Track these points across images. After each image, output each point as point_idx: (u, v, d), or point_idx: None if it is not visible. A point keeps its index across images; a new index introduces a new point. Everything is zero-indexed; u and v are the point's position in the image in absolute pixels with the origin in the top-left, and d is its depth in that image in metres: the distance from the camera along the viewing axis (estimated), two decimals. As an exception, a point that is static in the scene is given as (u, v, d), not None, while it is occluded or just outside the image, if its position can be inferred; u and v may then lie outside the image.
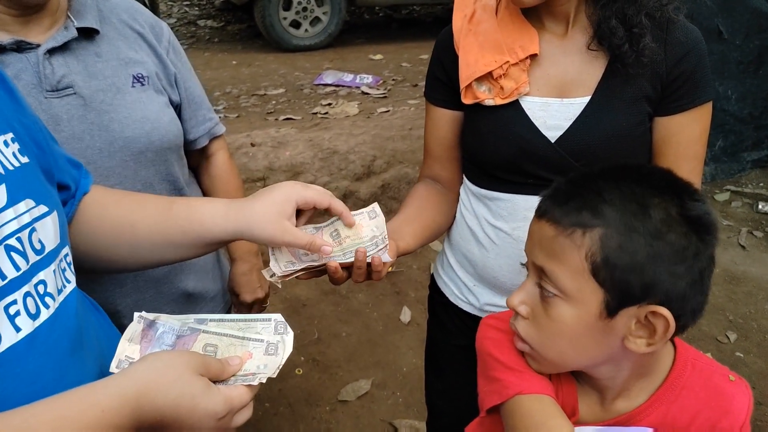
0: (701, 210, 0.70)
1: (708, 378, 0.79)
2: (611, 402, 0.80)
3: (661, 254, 0.67)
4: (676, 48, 0.95)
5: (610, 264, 0.68)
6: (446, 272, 1.23)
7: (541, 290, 0.74)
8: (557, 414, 0.74)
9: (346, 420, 2.16)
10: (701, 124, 1.00)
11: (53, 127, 0.99)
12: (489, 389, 0.82)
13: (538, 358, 0.77)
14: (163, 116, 1.12)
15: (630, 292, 0.68)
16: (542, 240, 0.74)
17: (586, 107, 0.97)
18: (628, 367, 0.77)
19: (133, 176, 1.08)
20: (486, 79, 1.00)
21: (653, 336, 0.70)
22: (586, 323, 0.71)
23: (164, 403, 0.63)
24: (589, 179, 0.74)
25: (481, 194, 1.09)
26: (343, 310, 2.68)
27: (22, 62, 0.98)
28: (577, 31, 0.98)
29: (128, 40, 1.11)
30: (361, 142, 3.39)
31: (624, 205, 0.69)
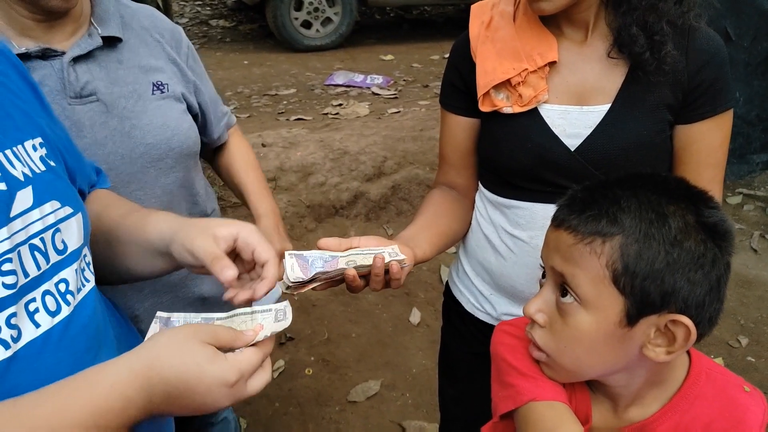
0: (717, 217, 0.70)
1: (722, 388, 0.78)
2: (624, 409, 0.80)
3: (679, 262, 0.68)
4: (698, 56, 0.94)
5: (629, 272, 0.68)
6: (462, 281, 1.23)
7: (559, 298, 0.74)
8: (571, 421, 0.74)
9: (356, 420, 2.17)
10: (722, 132, 0.99)
11: (76, 133, 1.01)
12: (503, 395, 0.82)
13: (554, 366, 0.77)
14: (182, 123, 1.14)
15: (649, 300, 0.69)
16: (560, 247, 0.74)
17: (607, 115, 0.96)
18: (642, 375, 0.77)
19: (153, 182, 1.10)
20: (504, 87, 1.00)
21: (672, 344, 0.70)
22: (605, 331, 0.71)
23: (170, 372, 0.62)
24: (605, 188, 0.74)
25: (498, 202, 1.09)
26: (352, 311, 2.69)
27: (46, 69, 1.00)
28: (597, 39, 0.98)
29: (149, 47, 1.13)
30: (372, 143, 3.40)
31: (641, 213, 0.69)
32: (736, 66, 3.72)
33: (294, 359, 2.42)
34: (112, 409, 0.60)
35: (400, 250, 0.94)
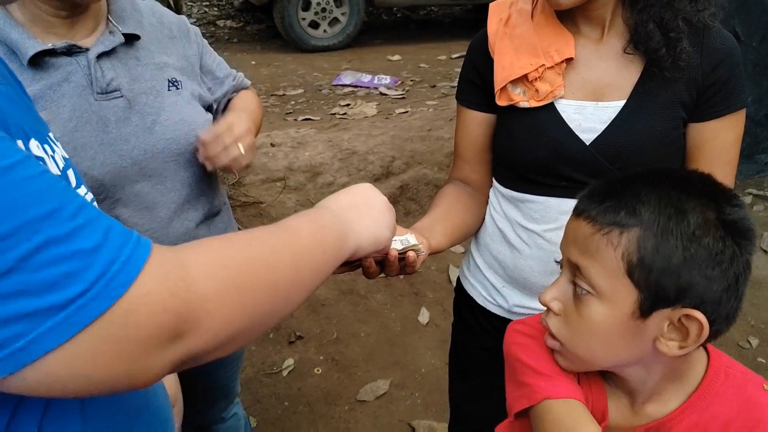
0: (738, 215, 0.70)
1: (742, 386, 0.77)
2: (641, 406, 0.79)
3: (696, 258, 0.67)
4: (713, 54, 0.95)
5: (645, 265, 0.68)
6: (473, 274, 1.23)
7: (575, 288, 0.74)
8: (587, 419, 0.74)
9: (365, 420, 2.17)
10: (735, 131, 1.00)
11: (102, 129, 1.02)
12: (518, 394, 0.82)
13: (568, 355, 0.78)
14: (198, 118, 1.15)
15: (664, 294, 0.68)
16: (578, 238, 0.74)
17: (622, 110, 0.97)
18: (658, 371, 0.76)
19: (173, 176, 1.11)
20: (521, 82, 1.01)
21: (686, 339, 0.70)
22: (619, 322, 0.71)
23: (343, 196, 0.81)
24: (627, 181, 0.74)
25: (512, 197, 1.09)
26: (361, 310, 2.69)
27: (72, 65, 1.01)
28: (613, 36, 0.98)
29: (160, 44, 1.14)
30: (380, 143, 3.41)
31: (661, 208, 0.69)
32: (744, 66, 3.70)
33: (303, 358, 2.43)
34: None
35: (415, 238, 0.95)
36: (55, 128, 0.98)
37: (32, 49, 0.96)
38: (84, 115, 1.01)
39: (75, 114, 1.00)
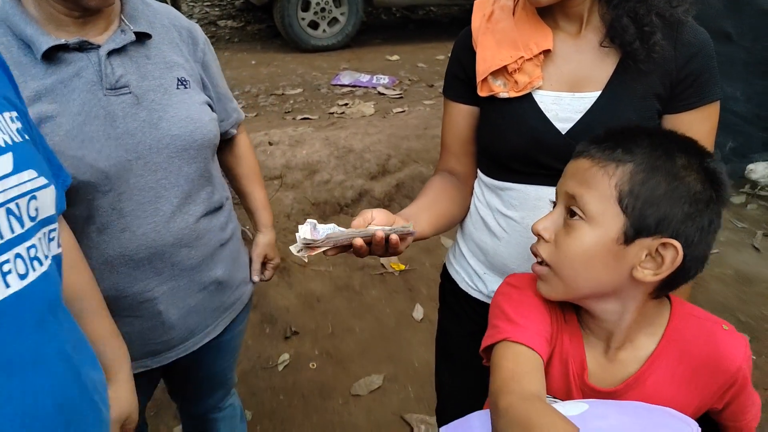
0: (719, 167, 0.80)
1: (703, 327, 0.86)
2: (616, 352, 0.86)
3: (677, 193, 0.77)
4: (686, 48, 0.99)
5: (634, 194, 0.77)
6: (458, 261, 1.28)
7: (567, 218, 0.83)
8: (536, 374, 0.80)
9: (359, 413, 2.21)
10: (709, 122, 1.03)
11: (110, 123, 1.06)
12: (487, 334, 0.89)
13: (552, 280, 0.85)
14: (204, 116, 1.18)
15: (646, 222, 0.77)
16: (577, 172, 0.84)
17: (597, 101, 1.01)
18: (631, 310, 0.84)
19: (177, 171, 1.15)
20: (501, 74, 1.05)
21: (660, 267, 0.78)
22: (603, 245, 0.80)
23: None
24: (626, 129, 0.85)
25: (494, 185, 1.14)
26: (356, 306, 2.73)
27: (83, 61, 1.05)
28: (590, 31, 1.02)
29: (171, 44, 1.18)
30: (377, 141, 3.45)
31: (653, 149, 0.79)
32: (736, 65, 3.74)
33: (299, 353, 2.47)
34: None
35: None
36: (64, 121, 1.03)
37: (46, 44, 1.01)
38: (93, 110, 1.05)
39: (84, 108, 1.04)
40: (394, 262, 2.97)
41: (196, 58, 1.24)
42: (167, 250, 1.17)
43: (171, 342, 1.27)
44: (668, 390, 0.84)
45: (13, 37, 1.03)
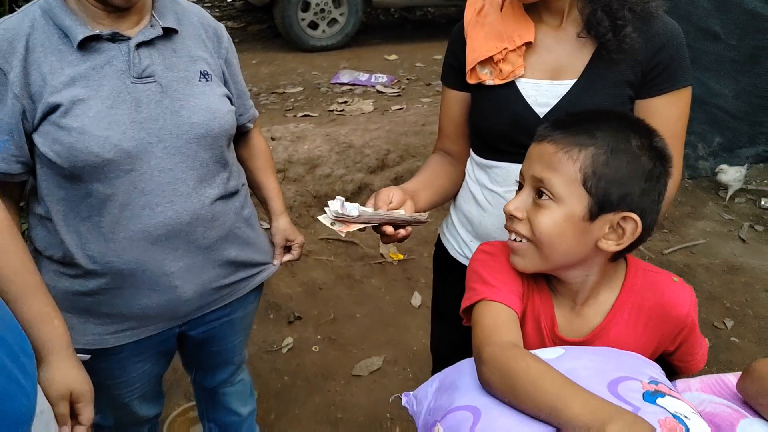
0: (663, 144, 0.91)
1: (655, 281, 0.97)
2: (581, 308, 0.98)
3: (636, 172, 0.87)
4: (656, 39, 1.09)
5: (597, 175, 0.86)
6: (449, 230, 1.40)
7: (535, 199, 0.92)
8: (512, 327, 0.91)
9: (359, 393, 2.32)
10: (678, 107, 1.13)
11: (135, 108, 1.16)
12: (466, 297, 1.00)
13: (529, 253, 0.94)
14: (222, 107, 1.29)
15: (609, 200, 0.87)
16: (543, 156, 0.91)
17: (572, 87, 1.12)
18: (595, 273, 0.94)
19: (194, 156, 1.25)
20: (488, 63, 1.16)
21: (621, 238, 0.89)
22: (571, 222, 0.89)
23: None
24: (584, 114, 0.94)
25: (483, 164, 1.25)
26: (357, 294, 2.84)
27: (114, 51, 1.16)
28: (570, 23, 1.13)
29: (197, 40, 1.29)
30: (376, 137, 3.55)
31: (612, 133, 0.88)
32: (723, 63, 3.85)
33: (302, 337, 2.57)
34: None
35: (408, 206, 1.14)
36: (93, 103, 1.14)
37: (81, 34, 1.12)
38: (120, 95, 1.16)
39: (112, 93, 1.15)
40: (393, 252, 3.08)
41: (220, 55, 1.35)
42: (184, 228, 1.26)
43: (186, 316, 1.37)
44: (629, 337, 0.96)
45: (54, 27, 1.14)
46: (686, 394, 0.94)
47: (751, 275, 3.01)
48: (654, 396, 0.79)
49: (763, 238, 3.39)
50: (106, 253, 1.22)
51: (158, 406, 1.61)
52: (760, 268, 3.06)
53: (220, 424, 1.81)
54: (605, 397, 0.77)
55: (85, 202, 1.20)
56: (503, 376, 0.81)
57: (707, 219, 3.57)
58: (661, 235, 3.38)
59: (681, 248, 3.27)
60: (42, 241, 1.28)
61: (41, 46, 1.14)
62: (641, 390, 0.80)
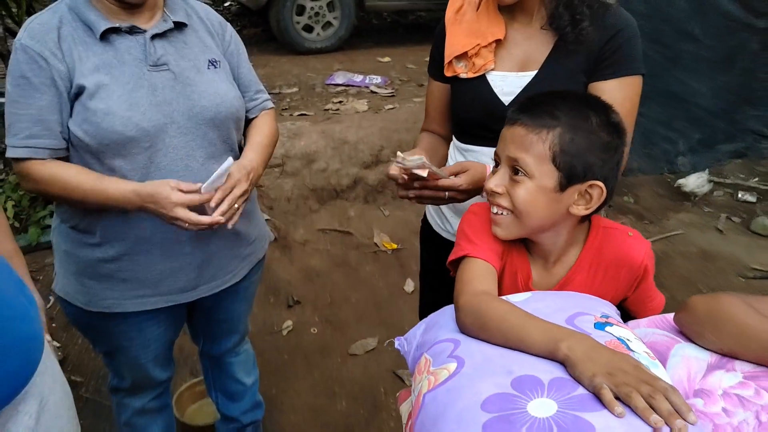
0: (618, 119, 1.04)
1: (613, 236, 1.11)
2: (553, 266, 1.12)
3: (596, 146, 1.00)
4: (608, 30, 1.23)
5: (564, 152, 0.99)
6: (433, 207, 1.55)
7: (512, 176, 1.04)
8: (488, 275, 1.05)
9: (356, 369, 2.46)
10: (624, 92, 1.24)
11: (152, 92, 1.31)
12: (452, 251, 1.14)
13: (509, 223, 1.06)
14: (230, 92, 1.44)
15: (575, 172, 1.00)
16: (515, 138, 1.02)
17: (534, 78, 1.26)
18: (564, 235, 1.09)
19: (203, 136, 1.39)
20: (463, 58, 1.31)
21: (589, 203, 1.02)
22: (545, 194, 1.02)
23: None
24: (545, 97, 1.05)
25: (461, 147, 1.40)
26: (352, 280, 2.98)
27: (132, 42, 1.31)
28: (537, 20, 1.27)
29: (205, 32, 1.44)
30: (370, 134, 3.70)
31: (572, 112, 1.00)
32: (701, 62, 4.03)
33: (300, 320, 2.71)
34: None
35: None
36: (116, 88, 1.28)
37: (103, 27, 1.27)
38: (138, 81, 1.30)
39: (132, 79, 1.30)
40: (387, 241, 3.23)
41: (225, 46, 1.49)
42: None
43: (196, 281, 1.50)
44: (589, 287, 1.10)
45: (79, 21, 1.29)
46: (635, 329, 1.08)
47: (725, 262, 3.17)
48: (603, 325, 0.94)
49: (739, 228, 3.56)
50: (125, 221, 1.36)
51: (170, 370, 1.74)
52: (733, 255, 3.23)
53: (226, 393, 1.94)
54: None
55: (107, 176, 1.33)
56: (475, 317, 0.94)
57: (686, 211, 3.74)
58: (641, 226, 3.54)
59: (660, 238, 3.43)
60: (66, 213, 1.41)
61: (70, 37, 1.28)
62: (593, 321, 0.95)
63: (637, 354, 0.86)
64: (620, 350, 0.86)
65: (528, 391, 0.76)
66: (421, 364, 0.96)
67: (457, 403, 0.77)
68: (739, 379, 0.84)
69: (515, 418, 0.71)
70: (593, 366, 0.76)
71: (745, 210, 3.74)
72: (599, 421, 0.70)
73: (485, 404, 0.75)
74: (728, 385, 0.84)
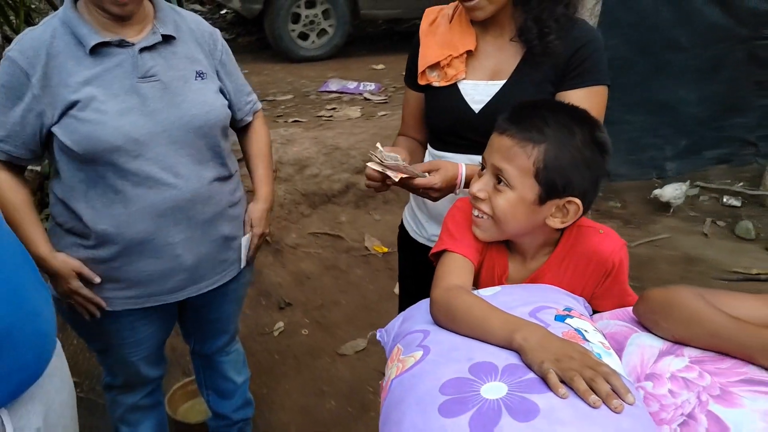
0: (604, 138, 1.08)
1: (584, 234, 1.17)
2: (528, 262, 1.19)
3: (578, 163, 1.04)
4: (574, 42, 1.30)
5: (547, 168, 1.04)
6: (409, 213, 1.62)
7: (495, 183, 1.09)
8: (465, 269, 1.12)
9: (345, 369, 2.52)
10: (591, 102, 1.28)
11: (142, 103, 1.36)
12: (435, 245, 1.20)
13: (489, 227, 1.12)
14: (217, 102, 1.50)
15: (555, 188, 1.05)
16: (502, 148, 1.06)
17: (503, 87, 1.33)
18: (541, 238, 1.16)
19: (191, 143, 1.44)
20: (436, 67, 1.38)
21: (566, 217, 1.08)
22: (524, 205, 1.07)
23: None
24: (535, 109, 1.09)
25: (434, 154, 1.46)
26: (342, 283, 3.04)
27: (122, 55, 1.37)
28: (507, 32, 1.34)
29: (194, 44, 1.49)
30: (361, 140, 3.78)
31: (559, 128, 1.05)
32: (688, 72, 4.11)
33: (291, 321, 2.78)
34: None
35: None
36: (106, 99, 1.34)
37: (93, 41, 1.33)
38: (128, 92, 1.36)
39: (122, 90, 1.36)
40: (377, 245, 3.29)
41: (215, 56, 1.55)
42: (184, 204, 1.45)
43: (185, 282, 1.55)
44: (561, 279, 1.16)
45: (71, 35, 1.35)
46: (598, 322, 1.15)
47: (706, 265, 3.24)
48: (564, 317, 1.00)
49: (723, 233, 3.63)
50: (119, 225, 1.42)
51: (161, 368, 1.80)
52: (716, 259, 3.30)
53: (217, 391, 2.00)
54: (526, 319, 0.98)
55: (101, 182, 1.39)
56: (446, 309, 1.01)
57: (672, 215, 3.82)
58: (628, 231, 3.62)
59: (646, 242, 3.51)
60: (62, 216, 1.48)
61: (61, 53, 1.34)
62: (555, 314, 1.01)
63: (592, 344, 0.93)
64: (576, 340, 0.93)
65: (483, 375, 0.83)
66: (393, 353, 1.03)
67: (419, 386, 0.84)
68: (686, 363, 0.91)
69: (468, 399, 0.78)
70: (543, 353, 0.83)
71: (729, 214, 3.82)
72: (544, 402, 0.76)
73: (443, 388, 0.82)
74: (676, 369, 0.90)
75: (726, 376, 0.85)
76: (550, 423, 0.73)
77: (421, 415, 0.79)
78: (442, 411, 0.77)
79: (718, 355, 0.89)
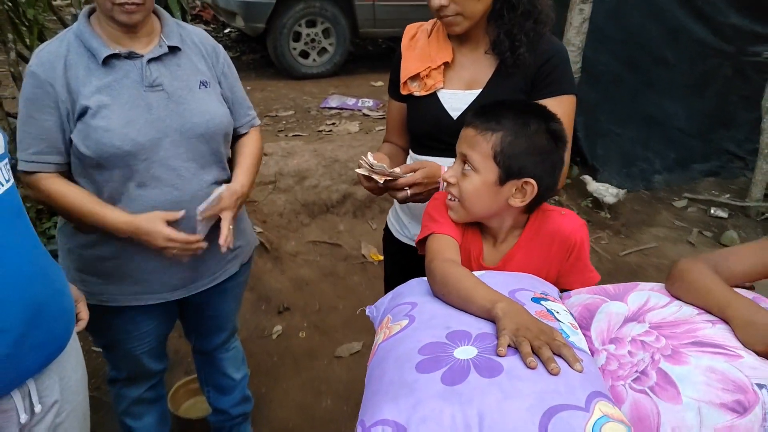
0: (559, 127, 1.22)
1: (550, 217, 1.30)
2: (500, 245, 1.30)
3: (531, 149, 1.18)
4: (542, 55, 1.42)
5: (504, 153, 1.18)
6: (393, 214, 1.73)
7: (463, 169, 1.22)
8: (452, 247, 1.23)
9: (341, 371, 2.61)
10: (562, 109, 1.37)
11: (148, 110, 1.47)
12: (420, 232, 1.31)
13: (458, 209, 1.25)
14: (219, 110, 1.60)
15: (512, 170, 1.19)
16: (467, 138, 1.21)
17: (478, 95, 1.45)
18: (509, 220, 1.27)
19: (193, 149, 1.55)
20: (416, 78, 1.49)
21: (525, 197, 1.21)
22: (486, 187, 1.20)
23: None
24: (496, 105, 1.24)
25: (417, 158, 1.57)
26: (340, 289, 3.14)
27: (131, 66, 1.48)
28: (482, 45, 1.47)
29: (198, 56, 1.60)
30: (359, 153, 3.87)
31: (515, 120, 1.19)
32: (676, 87, 4.25)
33: (290, 325, 2.87)
34: None
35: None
36: (115, 107, 1.44)
37: (105, 53, 1.45)
38: (136, 101, 1.47)
39: (130, 99, 1.47)
40: (374, 253, 3.40)
41: (217, 68, 1.66)
42: (185, 205, 1.53)
43: (185, 280, 1.65)
44: (530, 260, 1.28)
45: (84, 48, 1.47)
46: (576, 296, 1.24)
47: (694, 272, 3.33)
48: (540, 299, 1.11)
49: (710, 242, 3.73)
50: None
51: (163, 362, 1.89)
52: (703, 266, 3.39)
53: (217, 387, 2.09)
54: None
55: (108, 184, 1.50)
56: (441, 279, 1.12)
57: (661, 226, 3.92)
58: (618, 240, 3.72)
59: (635, 251, 3.61)
60: None
61: (76, 64, 1.45)
62: (531, 296, 1.12)
63: (561, 323, 1.04)
64: (546, 319, 1.03)
65: (458, 340, 0.93)
66: (383, 323, 1.13)
67: (400, 348, 0.95)
68: (645, 328, 1.02)
69: (442, 359, 0.88)
70: (509, 323, 0.93)
71: (716, 225, 3.92)
72: (508, 363, 0.87)
73: (422, 349, 0.92)
74: (636, 333, 1.02)
75: (678, 339, 0.96)
76: (511, 378, 0.83)
77: (399, 370, 0.89)
78: (419, 367, 0.87)
79: (676, 320, 1.00)
